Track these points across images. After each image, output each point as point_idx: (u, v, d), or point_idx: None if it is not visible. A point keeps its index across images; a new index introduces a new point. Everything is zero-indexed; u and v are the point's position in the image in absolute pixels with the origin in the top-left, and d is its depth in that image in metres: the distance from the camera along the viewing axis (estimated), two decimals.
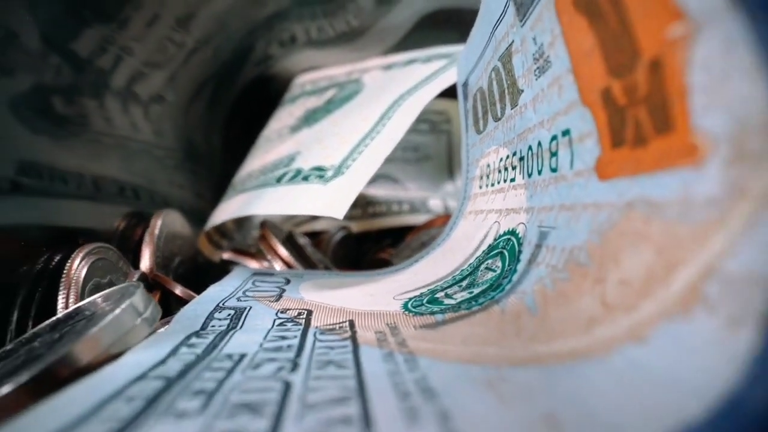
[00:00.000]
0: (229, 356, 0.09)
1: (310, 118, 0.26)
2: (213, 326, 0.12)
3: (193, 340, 0.11)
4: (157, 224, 0.21)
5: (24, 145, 0.20)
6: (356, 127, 0.21)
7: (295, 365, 0.08)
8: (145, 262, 0.20)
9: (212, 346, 0.10)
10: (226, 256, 0.23)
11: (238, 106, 0.36)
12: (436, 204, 0.30)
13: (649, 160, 0.08)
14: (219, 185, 0.33)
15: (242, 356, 0.09)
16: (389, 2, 0.29)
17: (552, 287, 0.10)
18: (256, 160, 0.26)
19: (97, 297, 0.13)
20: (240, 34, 0.32)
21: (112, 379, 0.08)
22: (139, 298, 0.11)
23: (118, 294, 0.12)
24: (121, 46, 0.24)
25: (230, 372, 0.08)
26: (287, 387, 0.07)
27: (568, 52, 0.10)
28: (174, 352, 0.10)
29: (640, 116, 0.08)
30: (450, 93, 0.22)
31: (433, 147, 0.35)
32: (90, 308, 0.12)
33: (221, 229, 0.27)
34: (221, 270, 0.24)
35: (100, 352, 0.10)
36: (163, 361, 0.09)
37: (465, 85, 0.19)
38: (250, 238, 0.30)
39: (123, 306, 0.10)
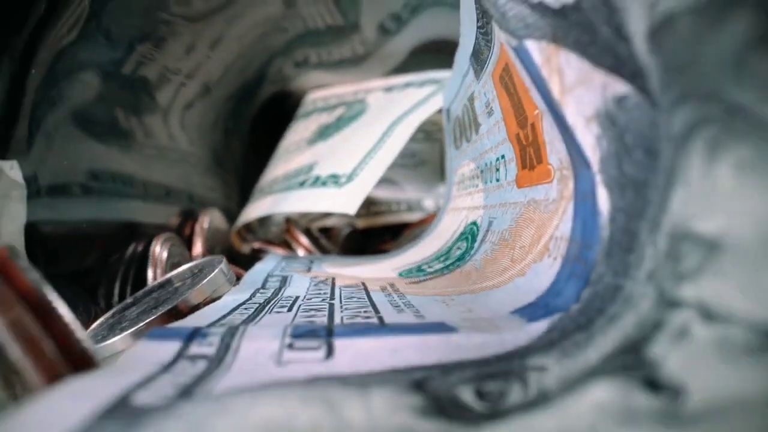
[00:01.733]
0: (289, 297, 0.15)
1: (324, 133, 0.32)
2: (269, 285, 0.18)
3: (261, 291, 0.17)
4: (206, 219, 0.27)
5: (95, 155, 0.26)
6: (363, 142, 0.27)
7: (332, 298, 0.15)
8: (198, 249, 0.26)
9: (275, 293, 0.16)
10: (257, 245, 0.29)
11: (257, 118, 0.42)
12: (429, 204, 0.36)
13: (535, 178, 0.14)
14: (243, 188, 0.40)
15: (297, 297, 0.15)
16: (389, 34, 0.35)
17: (490, 254, 0.16)
18: (279, 168, 0.32)
19: (184, 268, 0.19)
20: (261, 57, 0.38)
21: (225, 305, 0.14)
22: (224, 266, 0.17)
23: (209, 263, 0.18)
24: (170, 69, 0.30)
25: (294, 302, 0.14)
26: (331, 305, 0.14)
27: (500, 108, 0.16)
28: (253, 295, 0.16)
29: (531, 153, 0.14)
30: None
31: (428, 153, 0.41)
32: (182, 276, 0.19)
33: (248, 226, 0.34)
34: (251, 258, 0.30)
35: (205, 297, 0.16)
36: (250, 298, 0.15)
37: (448, 110, 0.26)
38: (270, 233, 0.36)
39: (217, 270, 0.17)
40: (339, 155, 0.27)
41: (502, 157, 0.17)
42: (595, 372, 0.07)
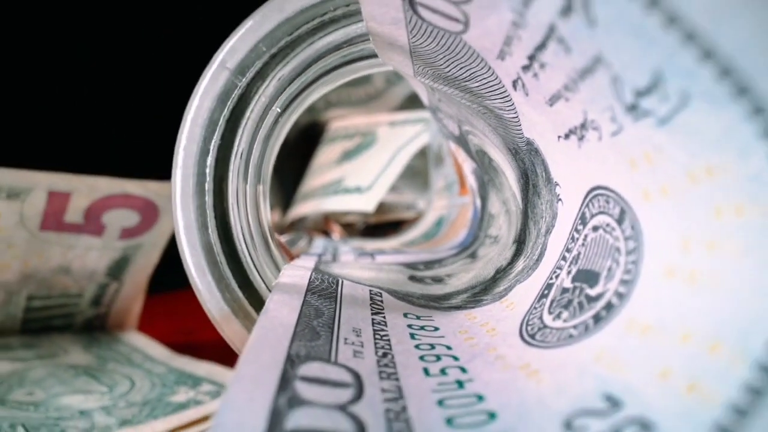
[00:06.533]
0: (344, 250, 0.33)
1: (347, 156, 0.49)
2: (327, 252, 0.35)
3: (325, 254, 0.34)
4: (273, 215, 0.44)
5: None
6: (376, 164, 0.44)
7: (368, 252, 0.32)
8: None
9: (333, 254, 0.34)
10: (303, 232, 0.46)
11: (293, 142, 0.59)
12: (421, 204, 0.53)
13: (464, 192, 0.31)
14: (284, 193, 0.57)
15: (348, 250, 0.33)
16: (393, 84, 0.52)
17: (446, 230, 0.33)
18: (316, 180, 0.50)
19: (281, 240, 0.36)
20: None
21: (316, 252, 0.31)
22: (307, 237, 0.34)
23: (296, 237, 0.35)
24: None
25: (348, 251, 0.32)
26: (371, 255, 0.31)
27: (451, 155, 0.33)
28: (323, 254, 0.33)
29: (461, 179, 0.31)
30: None
31: (421, 167, 0.58)
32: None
33: (292, 222, 0.51)
34: None
35: (299, 252, 0.33)
36: (322, 255, 0.32)
37: (431, 144, 0.43)
38: (305, 226, 0.53)
39: (304, 239, 0.34)
40: (360, 173, 0.45)
41: (454, 180, 0.34)
42: (462, 258, 0.25)
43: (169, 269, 0.41)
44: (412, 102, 0.54)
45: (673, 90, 0.08)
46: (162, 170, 0.34)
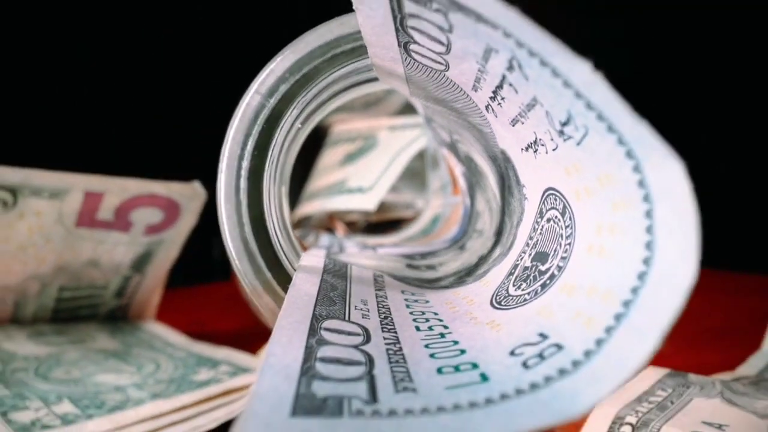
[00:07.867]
0: (350, 245, 0.37)
1: (350, 158, 0.54)
2: (334, 245, 0.39)
3: (332, 247, 0.38)
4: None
5: None
6: (377, 166, 0.49)
7: (370, 246, 0.36)
8: None
9: (340, 247, 0.38)
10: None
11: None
12: (419, 204, 0.57)
13: (456, 192, 0.35)
14: (289, 196, 0.61)
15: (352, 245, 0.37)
16: (392, 90, 0.56)
17: (440, 227, 0.38)
18: (321, 181, 0.54)
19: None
20: None
21: (324, 245, 0.36)
22: (315, 233, 0.39)
23: (305, 233, 0.39)
24: None
25: (353, 245, 0.36)
26: (373, 248, 0.35)
27: (445, 161, 0.38)
28: (331, 247, 0.37)
29: (455, 181, 0.35)
30: None
31: (419, 168, 0.63)
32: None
33: (298, 220, 0.55)
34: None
35: (310, 246, 0.37)
36: (329, 248, 0.37)
37: (428, 148, 0.47)
38: (310, 224, 0.57)
39: (312, 235, 0.38)
40: (362, 174, 0.49)
41: (448, 181, 0.38)
42: (453, 250, 0.29)
43: (180, 268, 0.45)
44: (410, 107, 0.58)
45: (579, 123, 0.12)
46: (182, 172, 0.38)
